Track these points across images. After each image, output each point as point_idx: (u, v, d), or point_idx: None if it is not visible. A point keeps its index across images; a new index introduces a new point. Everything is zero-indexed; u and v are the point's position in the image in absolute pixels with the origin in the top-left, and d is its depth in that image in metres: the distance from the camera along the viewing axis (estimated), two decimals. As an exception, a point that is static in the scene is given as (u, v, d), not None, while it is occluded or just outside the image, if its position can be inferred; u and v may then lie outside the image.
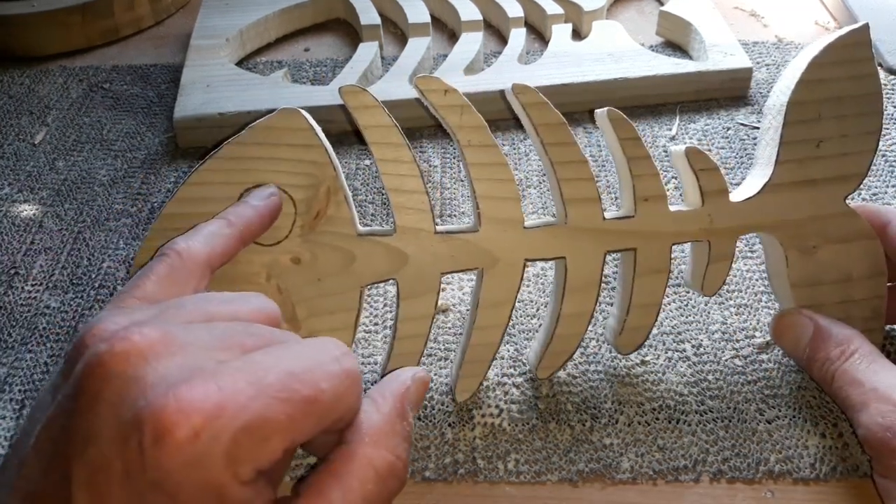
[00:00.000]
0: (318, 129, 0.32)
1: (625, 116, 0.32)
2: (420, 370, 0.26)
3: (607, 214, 0.33)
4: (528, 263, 0.33)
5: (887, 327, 0.37)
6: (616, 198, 0.46)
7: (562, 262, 0.33)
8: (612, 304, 0.36)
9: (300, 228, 0.31)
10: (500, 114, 0.50)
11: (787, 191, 0.33)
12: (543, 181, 0.47)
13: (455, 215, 0.45)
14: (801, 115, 0.33)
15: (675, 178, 0.47)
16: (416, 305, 0.32)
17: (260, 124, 0.31)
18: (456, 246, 0.32)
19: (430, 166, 0.49)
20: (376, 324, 0.39)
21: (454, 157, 0.50)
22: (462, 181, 0.47)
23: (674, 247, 0.33)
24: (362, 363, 0.37)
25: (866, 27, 0.33)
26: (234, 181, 0.31)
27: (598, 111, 0.33)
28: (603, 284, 0.39)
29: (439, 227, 0.32)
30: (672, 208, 0.33)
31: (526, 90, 0.32)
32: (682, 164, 0.33)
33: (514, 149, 0.50)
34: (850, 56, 0.33)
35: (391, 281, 0.32)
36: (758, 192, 0.33)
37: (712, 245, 0.33)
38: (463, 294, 0.40)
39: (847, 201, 0.34)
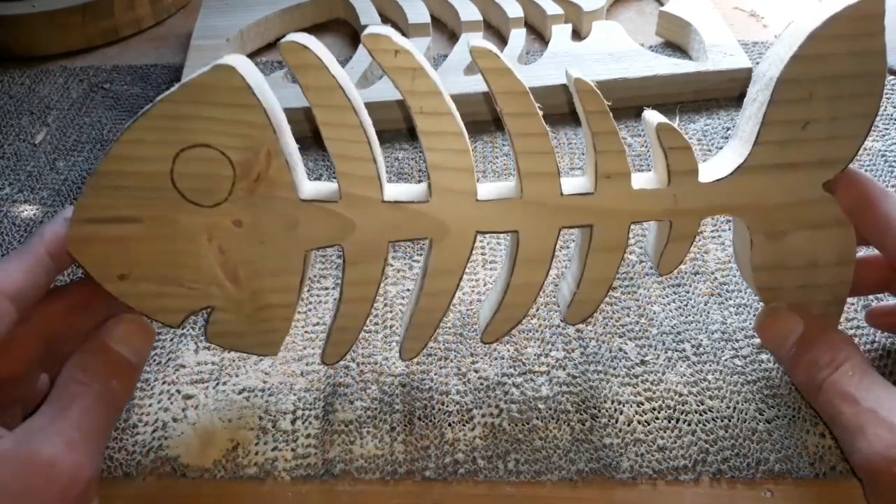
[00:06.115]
0: (261, 87, 0.29)
1: (594, 88, 0.30)
2: None
3: (566, 189, 0.31)
4: (480, 235, 0.32)
5: (889, 339, 0.37)
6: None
7: (515, 235, 0.32)
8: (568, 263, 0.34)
9: (241, 191, 0.30)
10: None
11: (763, 174, 0.31)
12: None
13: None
14: (790, 95, 0.30)
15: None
16: (362, 271, 0.31)
17: (192, 81, 0.29)
18: (405, 215, 0.31)
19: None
20: (376, 324, 0.39)
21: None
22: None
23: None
24: (362, 363, 0.37)
25: None
26: (168, 140, 0.29)
27: (567, 72, 0.31)
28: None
29: (388, 196, 0.31)
30: (636, 184, 0.31)
31: (486, 54, 0.29)
32: (653, 138, 0.31)
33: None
34: (856, 30, 0.29)
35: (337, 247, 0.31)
36: (730, 174, 0.31)
37: (674, 225, 0.32)
38: (462, 294, 0.40)
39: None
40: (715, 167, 0.32)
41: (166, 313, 0.31)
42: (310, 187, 0.31)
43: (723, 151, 0.33)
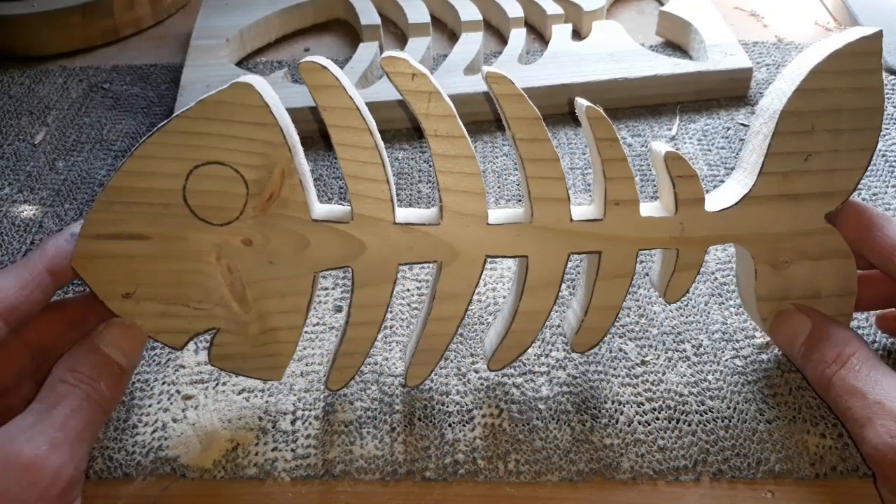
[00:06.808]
0: (277, 107, 0.30)
1: (604, 115, 0.31)
2: None
3: (575, 215, 0.32)
4: (490, 259, 0.32)
5: (889, 340, 0.37)
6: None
7: (524, 260, 0.32)
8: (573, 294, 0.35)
9: (252, 210, 0.30)
10: (497, 114, 0.50)
11: (767, 204, 0.32)
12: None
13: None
14: (793, 126, 0.31)
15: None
16: (371, 293, 0.32)
17: (211, 98, 0.29)
18: (415, 238, 0.31)
19: (430, 167, 0.49)
20: (376, 324, 0.39)
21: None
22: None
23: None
24: (362, 363, 0.37)
25: (879, 35, 0.30)
26: (182, 157, 0.29)
27: (578, 101, 0.31)
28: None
29: (399, 218, 0.31)
30: (643, 212, 0.32)
31: (500, 80, 0.30)
32: (661, 167, 0.32)
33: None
34: (856, 66, 0.31)
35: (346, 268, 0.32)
36: (735, 204, 0.32)
37: (680, 254, 0.32)
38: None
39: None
40: (720, 197, 0.33)
41: (169, 334, 0.31)
42: (322, 208, 0.31)
43: (727, 183, 0.34)
